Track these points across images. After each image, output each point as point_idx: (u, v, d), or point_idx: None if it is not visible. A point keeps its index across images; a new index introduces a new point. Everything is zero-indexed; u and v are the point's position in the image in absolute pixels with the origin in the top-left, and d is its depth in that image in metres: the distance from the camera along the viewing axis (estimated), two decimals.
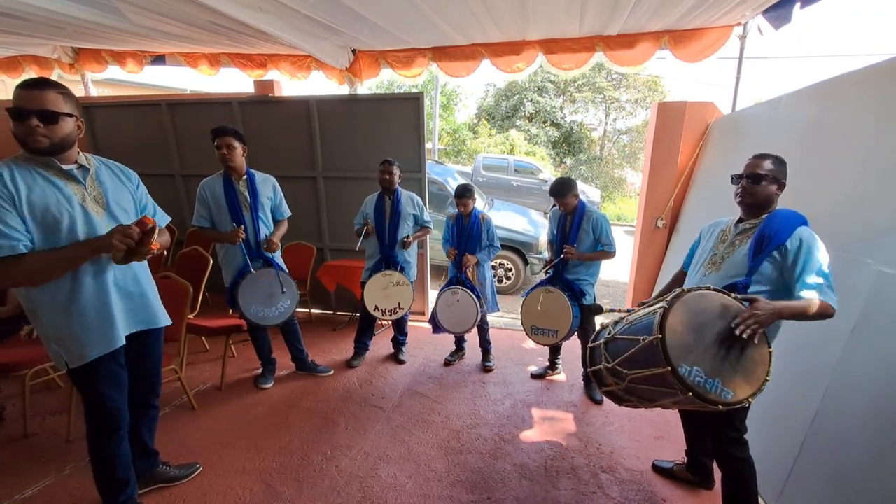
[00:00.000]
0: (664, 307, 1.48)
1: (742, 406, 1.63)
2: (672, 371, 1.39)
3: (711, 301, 1.50)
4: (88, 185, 1.58)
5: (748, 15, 3.18)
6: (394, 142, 3.95)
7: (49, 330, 1.56)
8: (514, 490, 2.19)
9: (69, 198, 1.51)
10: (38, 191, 1.44)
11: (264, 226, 2.78)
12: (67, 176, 1.52)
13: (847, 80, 2.28)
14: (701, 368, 1.41)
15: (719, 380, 1.41)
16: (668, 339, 1.42)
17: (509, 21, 3.27)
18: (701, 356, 1.43)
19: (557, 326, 2.82)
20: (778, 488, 1.93)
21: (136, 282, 1.74)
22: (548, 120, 16.26)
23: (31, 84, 1.42)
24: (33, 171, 1.46)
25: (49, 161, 1.48)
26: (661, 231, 4.08)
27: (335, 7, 2.92)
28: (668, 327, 1.44)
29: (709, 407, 1.41)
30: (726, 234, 1.81)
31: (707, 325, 1.47)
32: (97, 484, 1.82)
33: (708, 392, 1.39)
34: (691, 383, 1.39)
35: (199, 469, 2.26)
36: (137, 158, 4.41)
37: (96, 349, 1.62)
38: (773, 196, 1.67)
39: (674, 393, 1.45)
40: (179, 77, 13.04)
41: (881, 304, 1.71)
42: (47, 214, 1.45)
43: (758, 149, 1.78)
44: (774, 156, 1.69)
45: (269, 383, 3.10)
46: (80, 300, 1.56)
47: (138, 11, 2.98)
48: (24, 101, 1.39)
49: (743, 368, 1.44)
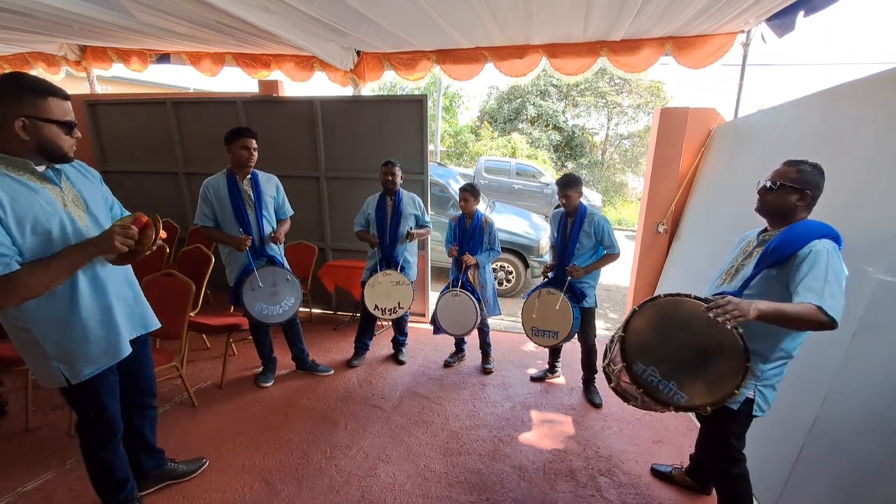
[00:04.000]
0: (634, 309, 1.59)
1: (738, 422, 1.65)
2: (627, 367, 1.50)
3: (687, 308, 1.54)
4: (64, 187, 1.46)
5: (752, 22, 3.19)
6: (397, 143, 3.97)
7: (46, 349, 1.45)
8: (512, 492, 2.20)
9: (51, 202, 1.39)
10: (21, 200, 1.31)
11: (268, 224, 2.79)
12: (42, 178, 1.40)
13: (849, 89, 2.29)
14: (657, 369, 1.48)
15: (675, 383, 1.45)
16: (629, 338, 1.54)
17: (514, 24, 3.28)
18: (661, 358, 1.49)
19: (558, 328, 2.82)
20: (776, 493, 1.94)
21: (129, 286, 1.71)
22: (550, 123, 16.29)
23: (65, 94, 1.38)
24: (7, 176, 1.31)
25: (22, 163, 1.35)
26: (662, 236, 4.09)
27: (341, 9, 2.94)
28: (632, 327, 1.56)
29: (660, 407, 1.48)
30: (749, 245, 1.72)
31: (677, 330, 1.51)
32: (96, 487, 1.82)
33: (660, 392, 1.46)
34: (643, 381, 1.48)
35: (206, 464, 2.27)
36: (141, 156, 4.44)
37: (103, 361, 1.56)
38: (790, 206, 1.55)
39: (635, 389, 1.53)
40: (184, 76, 13.11)
41: (881, 312, 1.72)
42: (37, 224, 1.33)
43: (760, 156, 1.80)
44: (809, 164, 1.55)
45: (269, 382, 3.11)
46: (81, 313, 1.48)
47: (145, 10, 3.01)
48: (71, 113, 1.39)
49: (707, 376, 1.46)
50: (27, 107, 1.30)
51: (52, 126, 1.34)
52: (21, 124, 1.29)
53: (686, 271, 3.61)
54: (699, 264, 3.29)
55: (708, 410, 1.43)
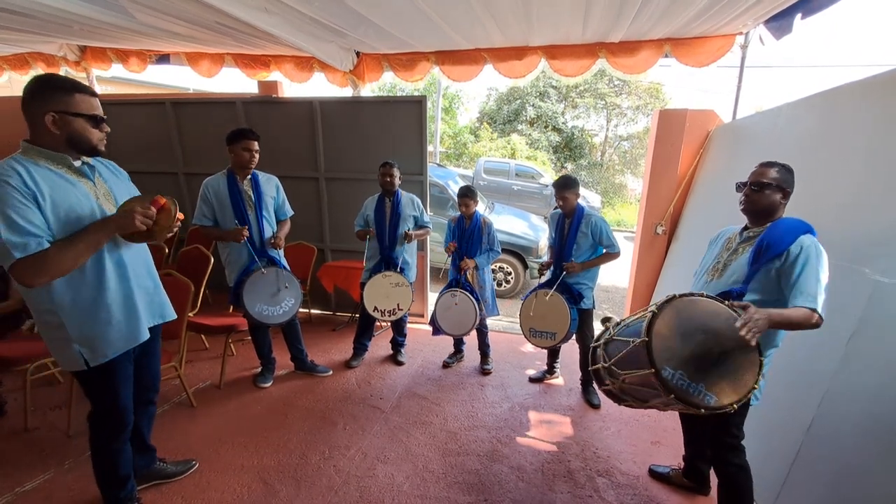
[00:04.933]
0: (653, 311, 1.53)
1: (737, 411, 1.65)
2: (656, 373, 1.44)
3: (702, 307, 1.53)
4: (97, 182, 1.60)
5: (750, 24, 3.21)
6: (396, 144, 3.97)
7: (70, 332, 1.53)
8: (510, 492, 2.20)
9: (86, 195, 1.52)
10: (59, 190, 1.44)
11: (268, 225, 2.79)
12: (79, 172, 1.54)
13: (846, 91, 2.30)
14: (685, 372, 1.44)
15: (703, 384, 1.43)
16: (654, 343, 1.47)
17: (513, 25, 3.29)
18: (686, 360, 1.46)
19: (555, 329, 2.83)
20: (774, 494, 1.95)
21: (150, 276, 1.80)
22: (549, 125, 16.31)
23: (92, 91, 1.50)
24: (48, 169, 1.45)
25: (62, 158, 1.49)
26: (660, 237, 4.10)
27: (340, 10, 2.94)
28: (656, 331, 1.49)
29: (691, 410, 1.44)
30: (731, 242, 1.82)
31: (696, 331, 1.49)
32: (99, 482, 1.83)
33: (690, 395, 1.43)
34: (673, 386, 1.43)
35: (196, 465, 2.27)
36: (141, 156, 4.44)
37: (122, 344, 1.65)
38: (776, 204, 1.67)
39: (659, 394, 1.48)
40: (183, 76, 13.04)
41: (878, 313, 1.72)
42: (70, 212, 1.45)
43: (758, 157, 1.80)
44: (781, 164, 1.69)
45: (268, 382, 3.11)
46: (107, 298, 1.58)
47: (145, 11, 3.01)
48: (98, 108, 1.51)
49: (730, 374, 1.45)
50: (56, 103, 1.42)
51: (80, 119, 1.46)
52: (51, 119, 1.42)
53: (685, 272, 3.60)
54: (697, 265, 3.29)
55: (734, 408, 1.42)
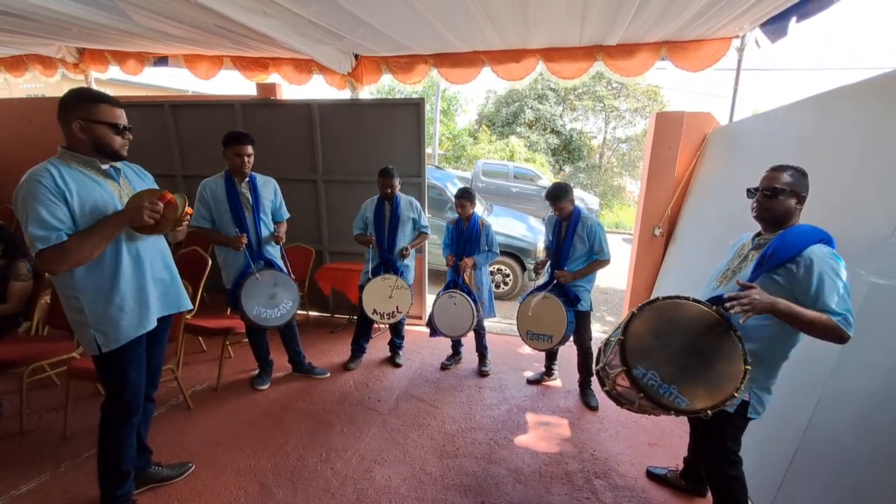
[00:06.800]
0: (633, 312, 1.55)
1: (735, 424, 1.65)
2: (627, 371, 1.46)
3: (686, 311, 1.53)
4: (122, 183, 1.74)
5: (746, 28, 3.22)
6: (394, 146, 3.98)
7: (88, 316, 1.67)
8: (508, 494, 2.20)
9: (110, 193, 1.66)
10: (85, 188, 1.59)
11: (265, 227, 2.80)
12: (105, 174, 1.68)
13: (841, 94, 2.32)
14: (657, 373, 1.45)
15: (676, 387, 1.44)
16: (629, 342, 1.50)
17: (511, 29, 3.30)
18: (662, 361, 1.47)
19: (552, 332, 2.83)
20: (769, 497, 1.95)
21: (166, 268, 1.92)
22: (548, 127, 16.34)
23: (116, 102, 1.64)
24: (78, 171, 1.60)
25: (91, 161, 1.64)
26: (658, 239, 4.11)
27: (339, 13, 2.95)
28: (632, 331, 1.52)
29: (661, 411, 1.46)
30: (744, 249, 1.74)
31: (676, 333, 1.50)
32: (100, 475, 1.85)
33: (661, 396, 1.44)
34: (644, 385, 1.44)
35: (192, 468, 2.27)
36: (139, 158, 4.37)
37: (132, 331, 1.75)
38: (791, 210, 1.58)
39: (635, 394, 1.50)
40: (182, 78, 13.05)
41: (873, 315, 1.73)
42: (95, 209, 1.60)
43: (754, 160, 1.81)
44: (794, 167, 1.59)
45: (265, 384, 3.11)
46: (121, 286, 1.70)
47: (143, 13, 3.01)
48: (122, 118, 1.65)
49: (708, 380, 1.45)
50: (82, 111, 1.58)
51: (102, 126, 1.60)
52: (78, 126, 1.57)
53: (682, 274, 3.62)
54: (695, 267, 3.30)
55: (708, 414, 1.42)
